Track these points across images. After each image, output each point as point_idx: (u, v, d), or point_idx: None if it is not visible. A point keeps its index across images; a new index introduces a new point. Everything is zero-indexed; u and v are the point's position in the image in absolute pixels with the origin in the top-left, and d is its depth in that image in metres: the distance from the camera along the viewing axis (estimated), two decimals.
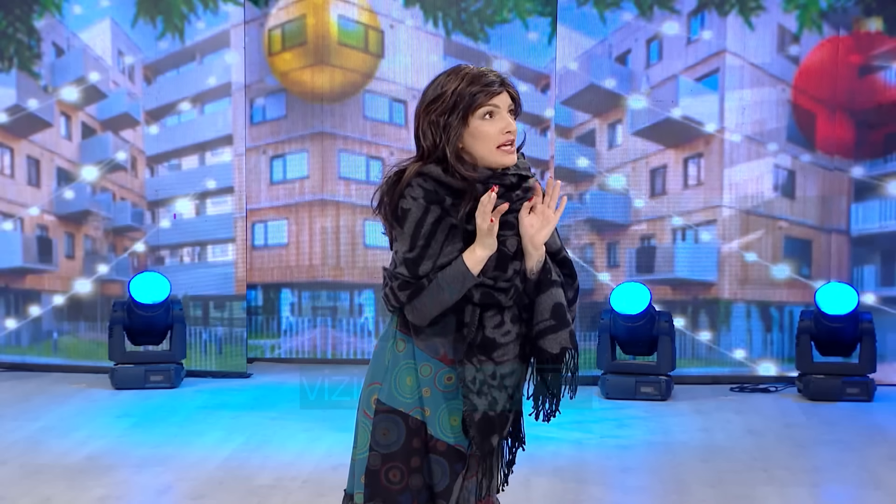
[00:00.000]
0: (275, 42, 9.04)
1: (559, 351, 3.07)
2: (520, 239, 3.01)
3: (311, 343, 9.16)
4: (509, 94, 3.00)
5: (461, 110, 2.95)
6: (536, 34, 8.69)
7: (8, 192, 8.70)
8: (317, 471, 5.96)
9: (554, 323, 3.06)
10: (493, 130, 2.97)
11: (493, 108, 2.96)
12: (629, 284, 7.87)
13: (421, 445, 3.03)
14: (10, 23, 8.57)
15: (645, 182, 8.33)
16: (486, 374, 2.99)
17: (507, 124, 2.98)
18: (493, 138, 2.97)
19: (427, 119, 2.98)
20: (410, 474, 3.03)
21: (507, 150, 2.99)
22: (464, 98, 2.94)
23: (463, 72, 2.99)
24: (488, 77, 2.97)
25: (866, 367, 7.69)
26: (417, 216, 2.94)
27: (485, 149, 2.98)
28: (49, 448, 6.44)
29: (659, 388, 7.67)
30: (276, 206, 9.14)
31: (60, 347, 8.74)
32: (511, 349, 3.02)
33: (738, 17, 8.15)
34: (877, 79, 8.18)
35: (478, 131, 2.97)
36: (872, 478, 5.93)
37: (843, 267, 8.23)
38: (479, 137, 2.97)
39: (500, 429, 3.04)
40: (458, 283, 2.95)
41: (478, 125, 2.97)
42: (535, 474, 5.86)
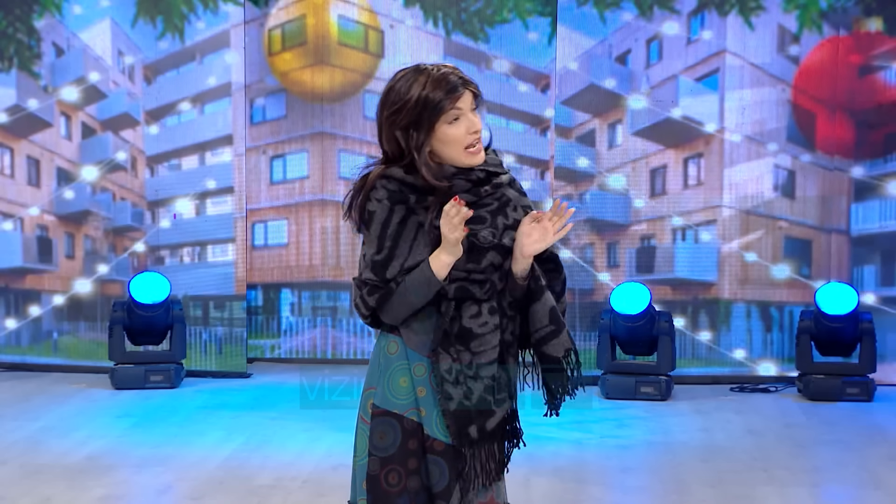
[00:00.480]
0: (275, 42, 9.04)
1: (564, 353, 3.08)
2: (494, 231, 3.01)
3: (311, 343, 9.16)
4: (471, 93, 3.01)
5: (427, 120, 2.96)
6: (536, 34, 8.69)
7: (8, 192, 8.70)
8: (317, 471, 5.96)
9: (554, 328, 3.07)
10: (459, 133, 2.99)
11: (457, 110, 2.97)
12: (629, 284, 7.87)
13: (417, 447, 3.03)
14: (10, 23, 8.57)
15: (645, 182, 8.33)
16: (462, 365, 2.99)
17: (472, 124, 3.00)
18: (460, 141, 2.99)
19: (392, 128, 2.99)
20: (408, 476, 3.03)
21: (475, 150, 3.01)
22: (429, 106, 2.95)
23: (424, 75, 2.99)
24: (451, 80, 2.97)
25: (866, 367, 7.69)
26: (383, 217, 2.96)
27: (453, 152, 3.00)
28: (49, 448, 6.44)
29: (659, 388, 7.67)
30: (276, 206, 9.14)
31: (60, 347, 8.74)
32: (489, 340, 3.01)
33: (738, 17, 8.15)
34: (877, 79, 8.18)
35: (445, 136, 2.98)
36: (872, 478, 5.93)
37: (843, 267, 8.23)
38: (447, 142, 2.99)
39: (480, 420, 3.01)
40: (424, 288, 2.95)
41: (444, 130, 2.98)
42: (535, 474, 5.86)
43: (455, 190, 2.99)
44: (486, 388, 3.01)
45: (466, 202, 2.95)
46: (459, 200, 2.89)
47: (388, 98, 3.01)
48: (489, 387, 3.01)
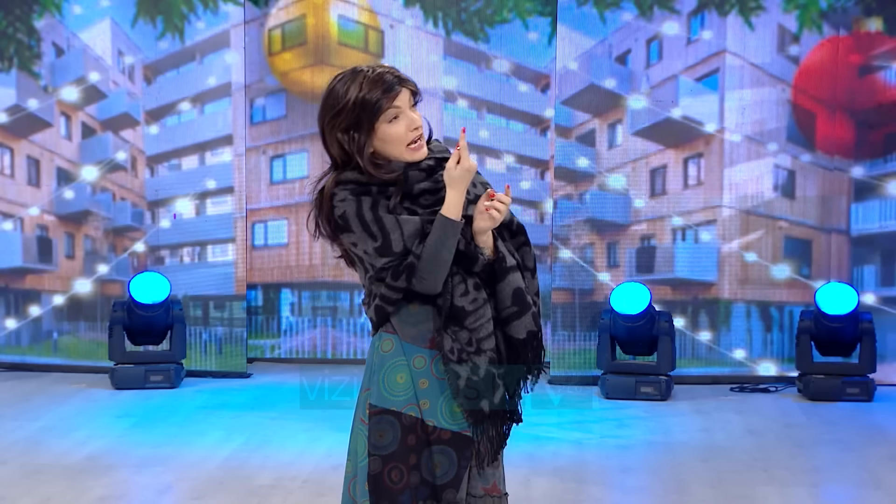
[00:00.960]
0: (275, 42, 9.04)
1: (526, 335, 3.07)
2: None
3: (311, 343, 9.16)
4: (409, 90, 3.05)
5: (366, 120, 3.01)
6: (536, 34, 8.69)
7: (8, 192, 8.70)
8: (317, 471, 5.96)
9: (517, 309, 3.07)
10: (400, 131, 3.03)
11: (396, 109, 3.01)
12: (629, 284, 7.87)
13: (416, 442, 3.04)
14: (10, 23, 8.57)
15: (645, 182, 8.33)
16: (462, 343, 3.00)
17: (411, 121, 3.03)
18: (401, 139, 3.03)
19: (333, 132, 3.05)
20: (409, 472, 3.03)
21: (416, 146, 3.04)
22: (367, 106, 3.00)
23: (360, 77, 3.04)
24: (386, 79, 3.03)
25: (866, 367, 7.69)
26: (354, 210, 3.00)
27: (396, 150, 3.03)
28: (49, 448, 6.44)
29: (659, 388, 7.67)
30: (276, 206, 9.14)
31: (60, 347, 8.74)
32: (482, 313, 3.02)
33: (738, 17, 8.15)
34: (877, 79, 8.18)
35: (386, 135, 3.02)
36: (872, 478, 5.93)
37: (843, 267, 8.23)
38: (389, 141, 3.03)
39: (489, 393, 3.02)
40: (449, 235, 2.96)
41: (385, 129, 3.02)
42: (535, 474, 5.86)
43: (411, 181, 3.02)
44: (490, 360, 3.03)
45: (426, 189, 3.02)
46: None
47: (326, 102, 3.09)
48: (493, 359, 3.03)
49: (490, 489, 3.12)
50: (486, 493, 3.12)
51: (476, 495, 3.11)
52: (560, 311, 8.30)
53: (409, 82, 3.07)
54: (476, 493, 3.11)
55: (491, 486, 3.13)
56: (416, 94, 3.08)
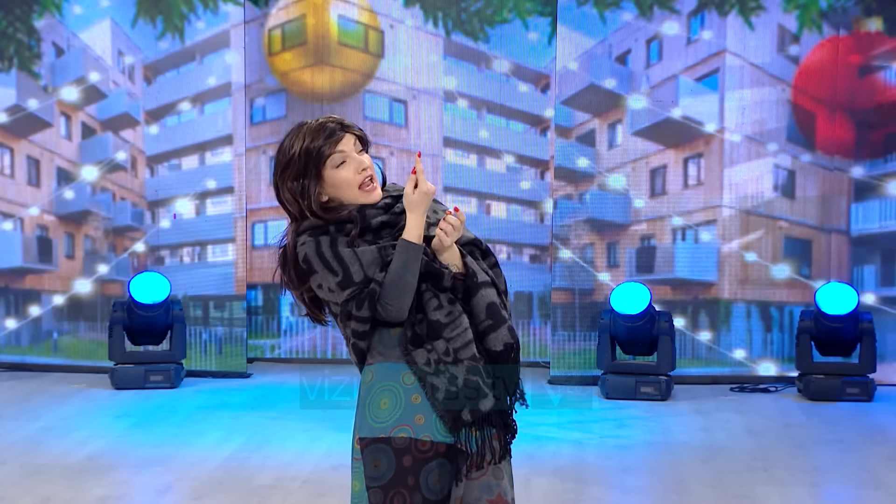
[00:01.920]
0: (275, 42, 9.04)
1: (503, 347, 3.07)
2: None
3: (311, 343, 9.16)
4: (353, 135, 3.10)
5: (312, 167, 3.06)
6: (536, 34, 8.69)
7: (8, 192, 8.70)
8: (317, 471, 5.96)
9: (491, 322, 3.06)
10: (349, 175, 3.07)
11: (340, 154, 3.06)
12: (629, 284, 7.87)
13: (413, 462, 3.02)
14: (10, 23, 8.57)
15: (645, 182, 8.33)
16: (439, 353, 3.01)
17: (359, 163, 3.08)
18: (352, 182, 3.08)
19: (285, 187, 3.11)
20: (411, 494, 3.01)
21: (370, 188, 3.09)
22: (311, 155, 3.06)
23: (303, 130, 3.10)
24: (327, 126, 3.08)
25: (866, 367, 7.69)
26: (314, 250, 3.05)
27: (349, 194, 3.08)
28: (49, 448, 6.44)
29: (659, 388, 7.67)
30: (276, 207, 9.10)
31: (60, 347, 8.74)
32: (459, 323, 3.03)
33: (738, 17, 8.15)
34: (877, 79, 8.18)
35: (335, 180, 3.08)
36: (872, 478, 5.93)
37: (843, 267, 8.23)
38: (339, 185, 3.08)
39: (472, 403, 3.01)
40: (411, 258, 2.99)
41: (332, 175, 3.07)
42: (535, 474, 5.86)
43: (368, 217, 3.06)
44: (469, 369, 3.02)
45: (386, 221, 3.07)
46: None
47: (277, 159, 3.15)
48: (472, 367, 3.02)
49: (494, 500, 3.10)
50: None
51: None
52: (560, 311, 8.30)
53: (353, 128, 3.12)
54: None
55: (496, 497, 3.11)
56: (363, 140, 3.12)
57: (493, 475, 3.10)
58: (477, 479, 3.08)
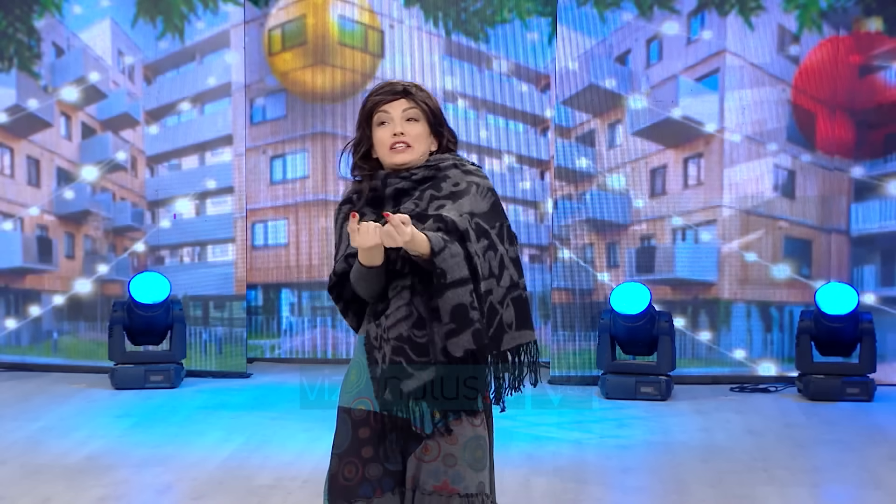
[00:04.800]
0: (275, 42, 9.04)
1: (462, 354, 3.03)
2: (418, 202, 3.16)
3: (311, 343, 9.16)
4: (414, 104, 3.21)
5: (363, 119, 3.27)
6: (536, 34, 8.69)
7: (8, 192, 8.70)
8: (317, 471, 5.96)
9: (454, 326, 3.02)
10: (385, 136, 3.22)
11: (384, 114, 3.22)
12: (629, 284, 7.87)
13: (371, 434, 3.10)
14: (10, 23, 8.57)
15: (645, 182, 8.33)
16: (382, 329, 3.10)
17: (396, 127, 3.21)
18: (384, 142, 3.22)
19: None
20: (365, 466, 3.11)
21: (398, 148, 3.21)
22: (365, 109, 3.27)
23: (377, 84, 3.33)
24: (384, 88, 3.26)
25: (866, 367, 7.69)
26: (338, 221, 3.26)
27: (382, 152, 3.23)
28: (49, 448, 6.44)
29: (659, 388, 7.67)
30: (276, 206, 9.14)
31: (60, 347, 8.74)
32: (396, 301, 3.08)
33: (738, 17, 8.15)
34: (877, 79, 8.18)
35: (375, 138, 3.25)
36: (872, 478, 5.93)
37: (843, 267, 8.23)
38: (377, 143, 3.24)
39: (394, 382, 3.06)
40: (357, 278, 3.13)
41: (375, 132, 3.25)
42: (535, 474, 5.86)
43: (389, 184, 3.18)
44: (395, 349, 3.06)
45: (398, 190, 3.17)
46: (355, 215, 3.05)
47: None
48: (397, 348, 3.06)
49: (440, 486, 3.10)
50: (435, 491, 3.10)
51: (425, 491, 3.10)
52: (560, 311, 8.30)
53: (411, 94, 3.22)
54: (426, 490, 3.10)
55: (441, 483, 3.10)
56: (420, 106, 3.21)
57: (444, 462, 3.09)
58: (428, 462, 3.08)
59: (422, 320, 3.07)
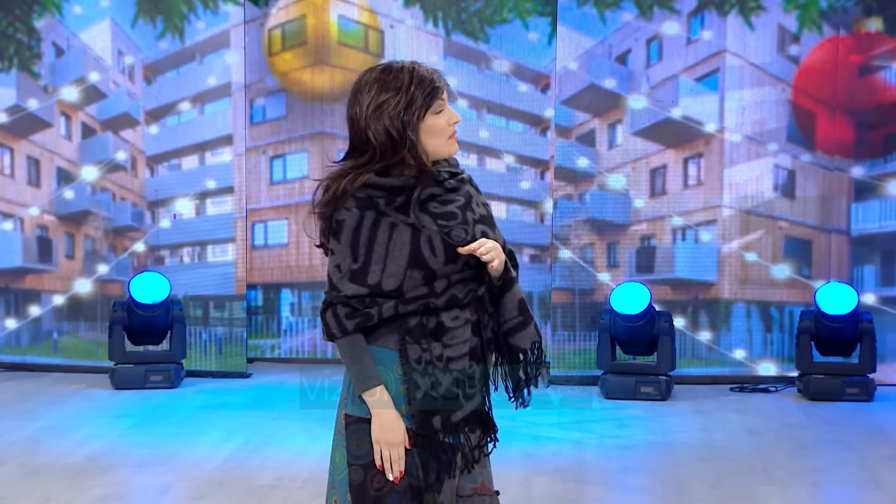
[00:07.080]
0: (275, 42, 9.04)
1: (530, 345, 3.08)
2: (466, 228, 3.01)
3: (311, 343, 9.16)
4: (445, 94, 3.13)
5: (418, 108, 3.03)
6: (536, 34, 8.69)
7: (8, 192, 8.70)
8: (317, 471, 5.96)
9: (522, 319, 3.07)
10: (443, 123, 3.08)
11: (441, 103, 3.08)
12: (629, 284, 7.87)
13: None
14: (10, 23, 8.57)
15: (645, 182, 8.33)
16: (433, 356, 2.97)
17: (452, 115, 3.10)
18: (444, 131, 3.07)
19: (382, 120, 3.00)
20: None
21: (454, 139, 3.11)
22: (418, 96, 3.03)
23: (407, 69, 3.06)
24: (432, 75, 3.08)
25: (866, 367, 7.69)
26: (353, 225, 2.97)
27: (437, 142, 3.06)
28: (49, 448, 6.44)
29: (659, 388, 7.67)
30: (276, 206, 9.14)
31: (60, 347, 8.74)
32: (461, 334, 3.00)
33: (738, 17, 8.15)
34: (877, 79, 8.18)
35: (432, 127, 3.05)
36: (872, 478, 5.93)
37: (843, 267, 8.23)
38: (433, 132, 3.06)
39: (445, 413, 2.99)
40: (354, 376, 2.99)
41: (432, 121, 3.05)
42: (535, 474, 5.86)
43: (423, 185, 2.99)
44: (455, 381, 3.00)
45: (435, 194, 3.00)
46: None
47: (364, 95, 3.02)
48: (458, 380, 3.00)
49: (478, 488, 3.12)
50: (475, 493, 3.11)
51: (464, 495, 3.10)
52: (560, 311, 8.30)
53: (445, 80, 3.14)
54: (464, 493, 3.10)
55: (479, 485, 3.12)
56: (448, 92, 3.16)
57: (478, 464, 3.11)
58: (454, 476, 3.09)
59: (475, 353, 3.04)
